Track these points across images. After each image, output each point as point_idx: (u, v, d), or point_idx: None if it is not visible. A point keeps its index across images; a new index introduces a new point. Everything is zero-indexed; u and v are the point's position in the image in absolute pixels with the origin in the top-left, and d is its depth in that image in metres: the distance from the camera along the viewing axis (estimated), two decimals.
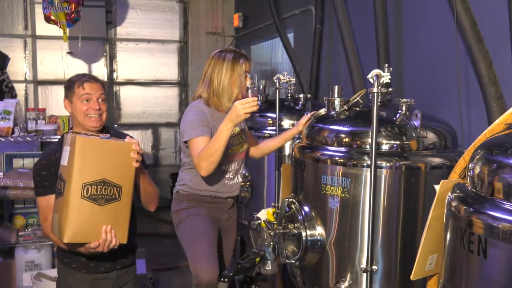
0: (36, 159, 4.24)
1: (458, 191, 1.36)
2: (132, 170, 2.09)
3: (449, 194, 1.38)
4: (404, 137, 2.09)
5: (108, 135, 2.15)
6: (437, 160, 2.08)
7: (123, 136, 2.28)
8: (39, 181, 2.24)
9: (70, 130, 2.23)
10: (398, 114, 2.14)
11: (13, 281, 3.89)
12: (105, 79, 6.77)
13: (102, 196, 2.01)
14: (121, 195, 2.05)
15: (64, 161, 2.00)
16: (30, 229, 4.04)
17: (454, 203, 1.33)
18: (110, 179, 2.03)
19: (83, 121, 2.29)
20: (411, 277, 1.58)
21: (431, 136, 2.13)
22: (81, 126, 2.29)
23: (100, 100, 2.31)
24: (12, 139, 3.81)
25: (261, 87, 3.67)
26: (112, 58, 6.79)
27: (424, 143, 2.10)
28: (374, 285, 2.07)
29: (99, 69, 6.75)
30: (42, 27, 6.24)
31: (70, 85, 2.32)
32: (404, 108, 2.14)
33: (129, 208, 2.09)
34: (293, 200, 2.32)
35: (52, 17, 5.18)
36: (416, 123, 2.08)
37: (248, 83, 2.39)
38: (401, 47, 3.12)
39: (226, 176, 2.76)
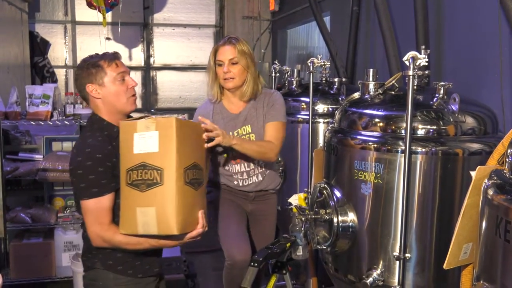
0: (74, 143, 4.37)
1: (495, 177, 1.30)
2: (204, 151, 2.02)
3: (486, 181, 1.32)
4: (441, 122, 2.02)
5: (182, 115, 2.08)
6: (475, 146, 2.00)
7: None
8: (93, 179, 1.89)
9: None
10: (435, 98, 2.07)
11: (53, 260, 4.01)
12: (142, 64, 6.85)
13: (196, 180, 1.89)
14: (203, 177, 1.95)
15: (150, 147, 1.79)
16: (69, 210, 4.14)
17: (490, 191, 1.27)
18: (198, 162, 1.92)
19: (123, 104, 2.01)
20: (444, 266, 1.53)
21: (469, 121, 2.05)
22: (116, 112, 2.01)
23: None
24: (51, 123, 3.89)
25: (296, 71, 3.62)
26: (149, 43, 6.85)
27: (462, 128, 2.03)
28: (407, 273, 2.03)
29: (137, 54, 6.82)
30: (82, 13, 6.36)
31: (96, 66, 1.98)
32: (441, 91, 2.06)
33: None
34: (325, 185, 2.29)
35: (93, 2, 5.25)
36: (454, 107, 2.01)
37: None
38: (441, 28, 3.01)
39: (234, 177, 2.72)
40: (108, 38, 6.43)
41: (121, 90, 2.01)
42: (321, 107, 3.27)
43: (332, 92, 3.37)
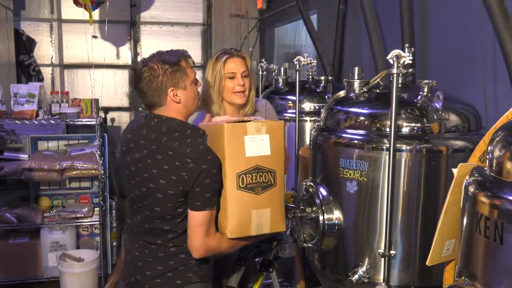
0: (61, 142, 4.35)
1: (476, 174, 1.31)
2: None
3: (467, 177, 1.33)
4: (425, 120, 2.03)
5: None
6: (459, 143, 2.02)
7: None
8: (216, 188, 1.84)
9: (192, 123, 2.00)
10: (420, 96, 2.08)
11: (39, 261, 3.99)
12: (130, 62, 6.80)
13: None
14: None
15: (263, 150, 1.84)
16: (55, 210, 4.12)
17: (471, 187, 1.28)
18: None
19: (195, 107, 1.97)
20: (427, 263, 1.54)
21: (453, 119, 2.06)
22: (189, 115, 1.96)
23: None
24: (37, 122, 3.87)
25: (282, 69, 3.63)
26: (136, 42, 6.81)
27: (446, 125, 2.04)
28: (393, 270, 2.04)
29: (124, 53, 6.78)
30: (68, 11, 6.30)
31: (180, 68, 1.88)
32: (426, 89, 2.07)
33: None
34: (311, 183, 2.29)
35: (80, 0, 5.21)
36: (438, 105, 2.02)
37: None
38: (427, 27, 3.03)
39: None
40: (94, 36, 6.39)
41: (196, 92, 1.96)
42: (307, 106, 3.28)
43: (318, 90, 3.38)
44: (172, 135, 1.87)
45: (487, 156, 1.31)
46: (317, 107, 3.26)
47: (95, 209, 4.26)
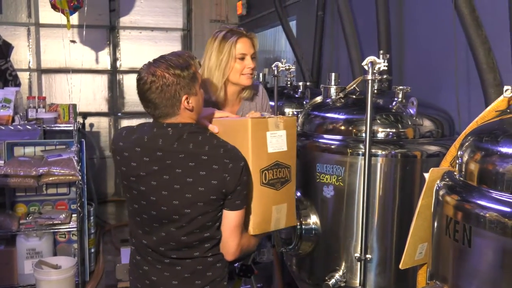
0: (38, 148, 4.29)
1: (447, 179, 1.34)
2: None
3: (438, 182, 1.36)
4: (399, 125, 2.06)
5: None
6: (433, 148, 2.05)
7: None
8: (250, 184, 1.81)
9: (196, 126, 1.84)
10: (395, 102, 2.11)
11: (15, 268, 3.92)
12: (109, 67, 6.76)
13: None
14: None
15: (282, 146, 1.85)
16: (31, 217, 4.06)
17: (441, 191, 1.31)
18: None
19: (202, 112, 1.89)
20: (400, 266, 1.56)
21: (427, 124, 2.10)
22: (197, 119, 1.86)
23: None
24: (12, 127, 3.81)
25: (261, 75, 3.65)
26: (115, 47, 6.77)
27: (420, 131, 2.07)
28: (369, 274, 2.06)
29: (103, 58, 6.74)
30: (46, 15, 6.24)
31: (192, 73, 1.75)
32: (400, 95, 2.11)
33: None
34: None
35: (57, 5, 5.16)
36: (412, 110, 2.06)
37: None
38: (402, 34, 3.07)
39: None
40: (73, 41, 6.33)
41: (203, 96, 1.86)
42: (286, 111, 3.30)
43: (297, 95, 3.40)
44: (196, 140, 1.76)
45: (457, 161, 1.34)
46: (295, 112, 3.27)
47: (73, 215, 4.21)
